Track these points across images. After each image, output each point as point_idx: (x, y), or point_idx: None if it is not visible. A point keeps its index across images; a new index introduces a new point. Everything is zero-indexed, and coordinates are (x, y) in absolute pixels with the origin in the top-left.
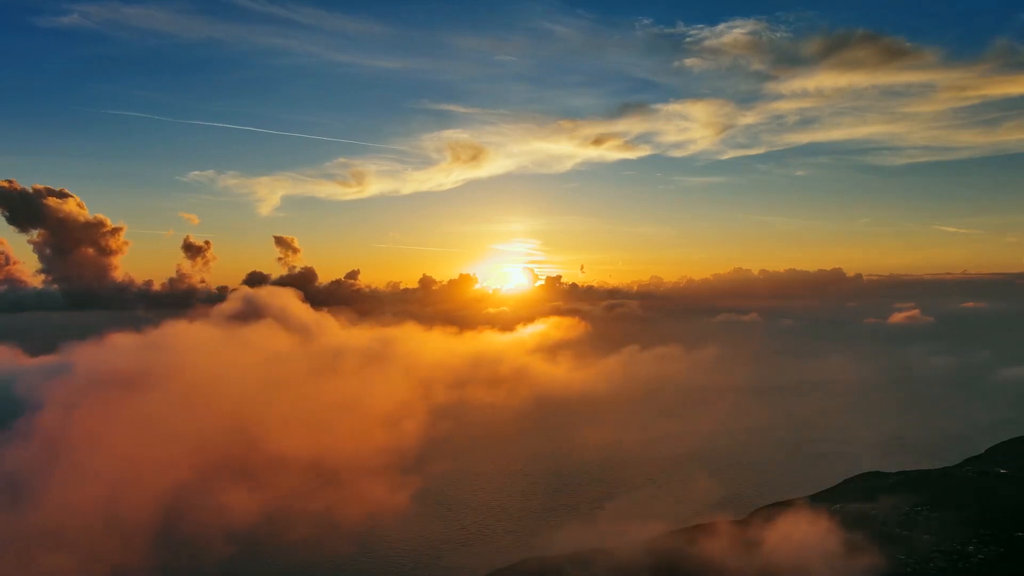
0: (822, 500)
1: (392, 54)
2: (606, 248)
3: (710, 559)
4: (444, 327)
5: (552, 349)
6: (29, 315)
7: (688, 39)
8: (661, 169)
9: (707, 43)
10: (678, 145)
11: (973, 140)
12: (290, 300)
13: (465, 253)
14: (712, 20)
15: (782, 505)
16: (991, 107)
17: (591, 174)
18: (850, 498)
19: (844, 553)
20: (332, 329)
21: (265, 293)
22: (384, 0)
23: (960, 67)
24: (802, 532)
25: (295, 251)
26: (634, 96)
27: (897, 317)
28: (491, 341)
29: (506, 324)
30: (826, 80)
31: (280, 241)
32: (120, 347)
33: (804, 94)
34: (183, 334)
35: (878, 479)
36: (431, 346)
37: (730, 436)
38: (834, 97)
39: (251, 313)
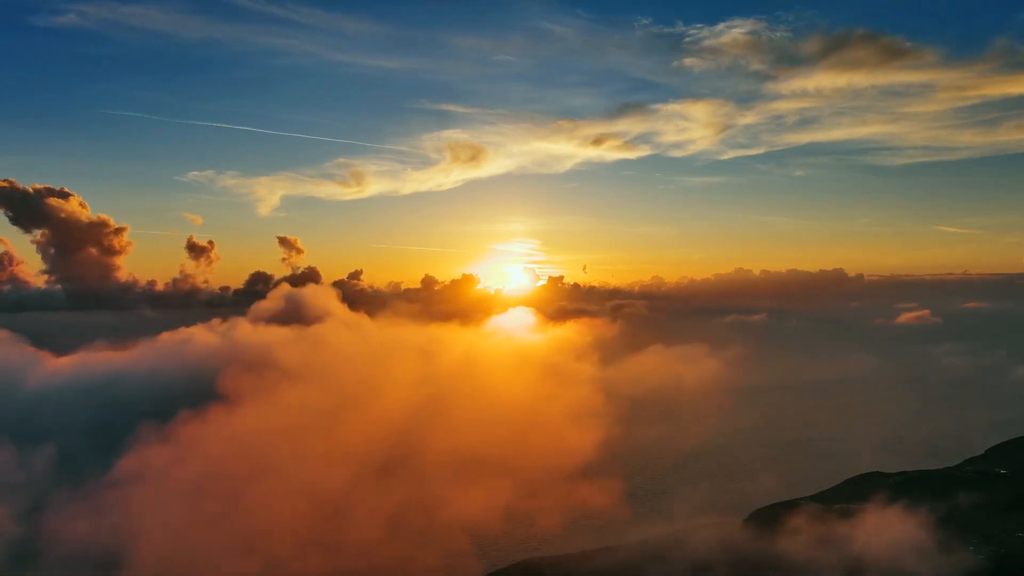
0: (823, 500)
1: (391, 54)
2: (606, 248)
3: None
4: (470, 327)
5: (586, 348)
6: (32, 315)
7: (687, 39)
8: (661, 169)
9: (706, 43)
10: (678, 145)
11: (973, 140)
12: (331, 300)
13: (465, 253)
14: (711, 20)
15: (784, 505)
16: (991, 107)
17: (591, 174)
18: (850, 498)
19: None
20: (371, 328)
21: (309, 292)
22: (382, 0)
23: (960, 67)
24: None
25: (299, 251)
26: (633, 96)
27: (906, 317)
28: (525, 341)
29: (526, 324)
30: (825, 80)
31: (284, 241)
32: (208, 344)
33: (804, 94)
34: (261, 333)
35: (878, 479)
36: (481, 346)
37: (764, 433)
38: (834, 97)
39: (292, 313)
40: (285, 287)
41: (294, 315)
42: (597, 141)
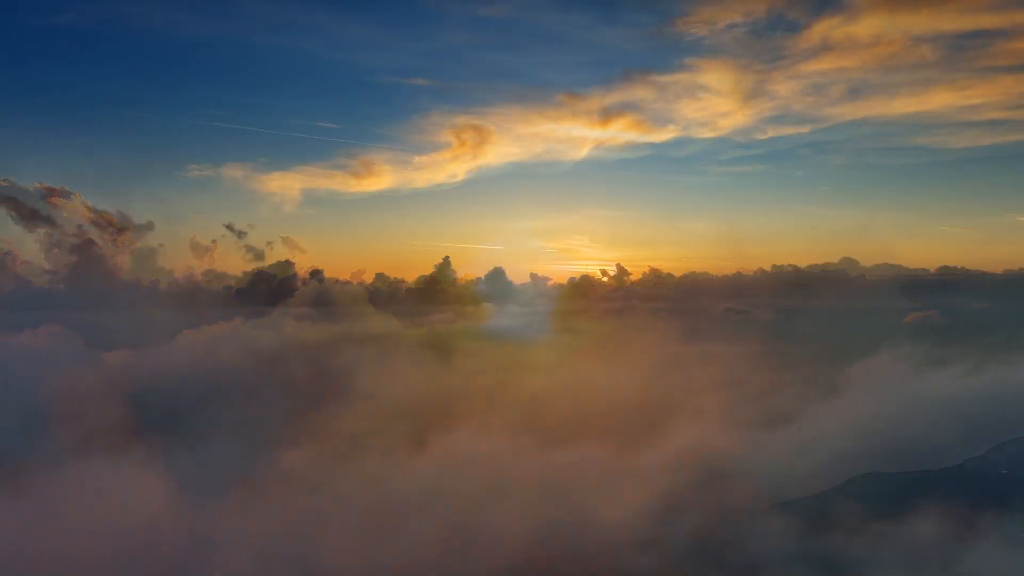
0: (823, 500)
1: (393, 47)
2: (616, 244)
3: None
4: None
5: (614, 346)
6: (38, 314)
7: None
8: (679, 160)
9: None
10: (683, 143)
11: None
12: (361, 298)
13: (474, 249)
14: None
15: (782, 506)
16: None
17: (602, 165)
18: (850, 498)
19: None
20: (397, 327)
21: (337, 292)
22: None
23: None
24: None
25: (302, 251)
26: (644, 76)
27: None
28: (554, 339)
29: (551, 321)
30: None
31: (287, 240)
32: (266, 339)
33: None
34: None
35: (878, 479)
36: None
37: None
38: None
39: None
40: (314, 286)
41: (324, 314)
42: (604, 124)
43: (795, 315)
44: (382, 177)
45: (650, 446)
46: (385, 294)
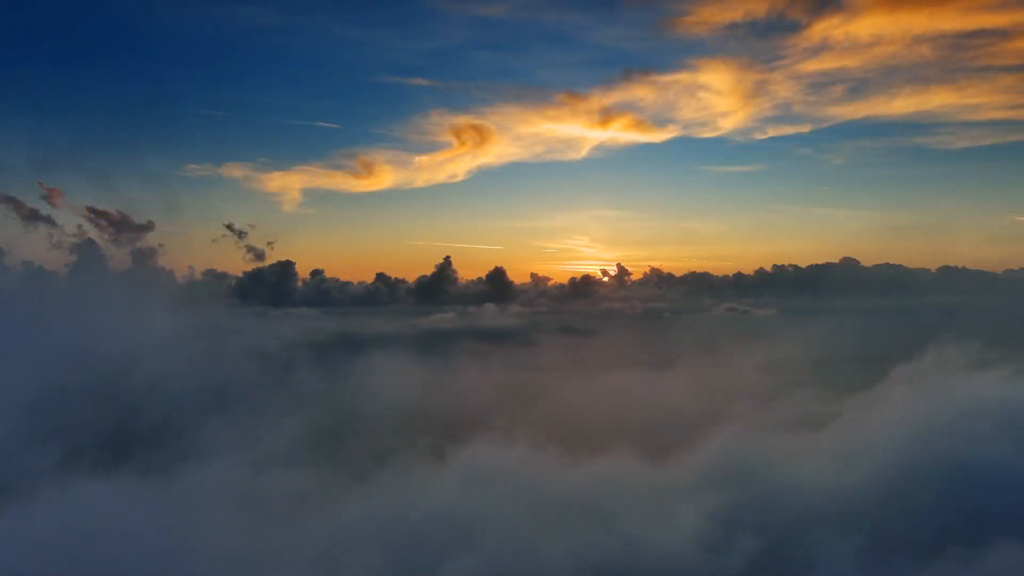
0: None
1: (393, 47)
2: (616, 244)
3: None
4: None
5: (616, 349)
6: (36, 315)
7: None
8: (686, 156)
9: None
10: (683, 143)
11: None
12: (361, 298)
13: (475, 249)
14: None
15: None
16: None
17: (602, 165)
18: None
19: None
20: (398, 327)
21: (338, 292)
22: None
23: None
24: None
25: (302, 251)
26: (644, 76)
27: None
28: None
29: (551, 322)
30: (872, 28)
31: (287, 240)
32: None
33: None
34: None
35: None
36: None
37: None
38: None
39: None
40: (315, 286)
41: (324, 314)
42: (605, 122)
43: (798, 316)
44: (382, 177)
45: (685, 458)
46: (385, 294)
